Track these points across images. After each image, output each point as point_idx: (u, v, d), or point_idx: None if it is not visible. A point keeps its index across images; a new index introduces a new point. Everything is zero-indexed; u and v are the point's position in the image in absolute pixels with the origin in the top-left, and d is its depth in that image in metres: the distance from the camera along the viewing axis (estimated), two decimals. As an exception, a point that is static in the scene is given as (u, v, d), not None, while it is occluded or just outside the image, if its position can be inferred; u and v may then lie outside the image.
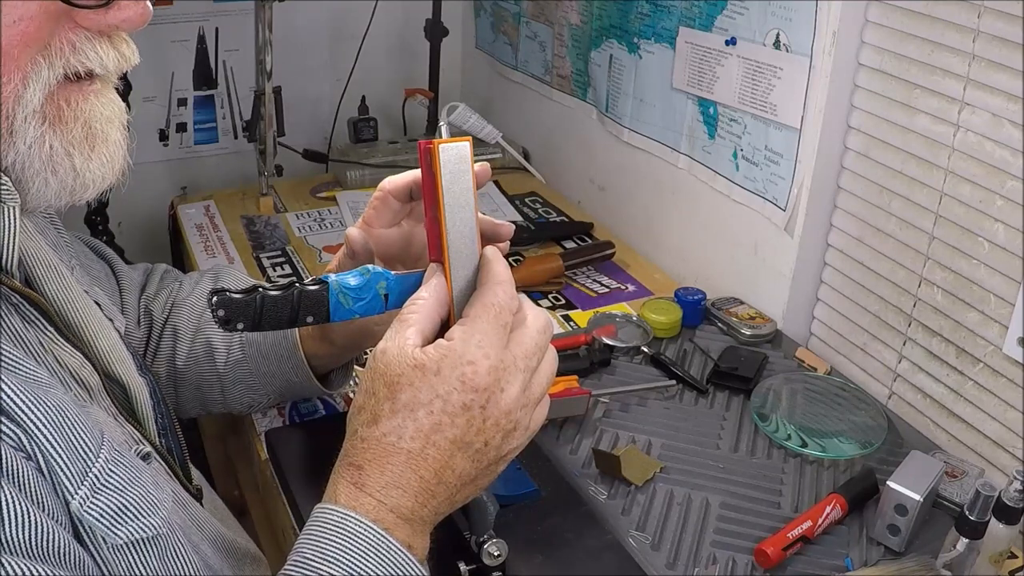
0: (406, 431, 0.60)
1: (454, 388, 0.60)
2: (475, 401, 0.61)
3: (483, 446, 0.62)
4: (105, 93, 0.59)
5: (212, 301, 0.67)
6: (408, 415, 0.60)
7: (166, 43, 1.70)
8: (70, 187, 0.58)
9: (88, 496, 0.55)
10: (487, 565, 0.74)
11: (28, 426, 0.53)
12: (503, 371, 0.62)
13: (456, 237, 0.65)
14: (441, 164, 0.63)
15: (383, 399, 0.61)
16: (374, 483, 0.61)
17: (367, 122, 1.80)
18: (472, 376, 0.61)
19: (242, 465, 1.31)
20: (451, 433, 0.61)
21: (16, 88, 0.53)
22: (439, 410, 0.60)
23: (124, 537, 0.57)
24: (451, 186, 0.64)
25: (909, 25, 1.02)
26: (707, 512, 0.93)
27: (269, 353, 0.93)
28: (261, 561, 0.83)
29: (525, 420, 0.64)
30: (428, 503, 0.62)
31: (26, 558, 0.49)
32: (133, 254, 1.78)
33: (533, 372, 0.65)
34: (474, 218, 0.66)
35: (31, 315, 0.61)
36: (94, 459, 0.56)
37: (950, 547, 0.81)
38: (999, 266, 0.97)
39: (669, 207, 1.45)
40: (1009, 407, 0.98)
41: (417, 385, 0.60)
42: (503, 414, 0.62)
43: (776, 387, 1.12)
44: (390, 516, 0.60)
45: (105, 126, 0.59)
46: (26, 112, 0.54)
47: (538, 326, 0.65)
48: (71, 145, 0.57)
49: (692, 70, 1.31)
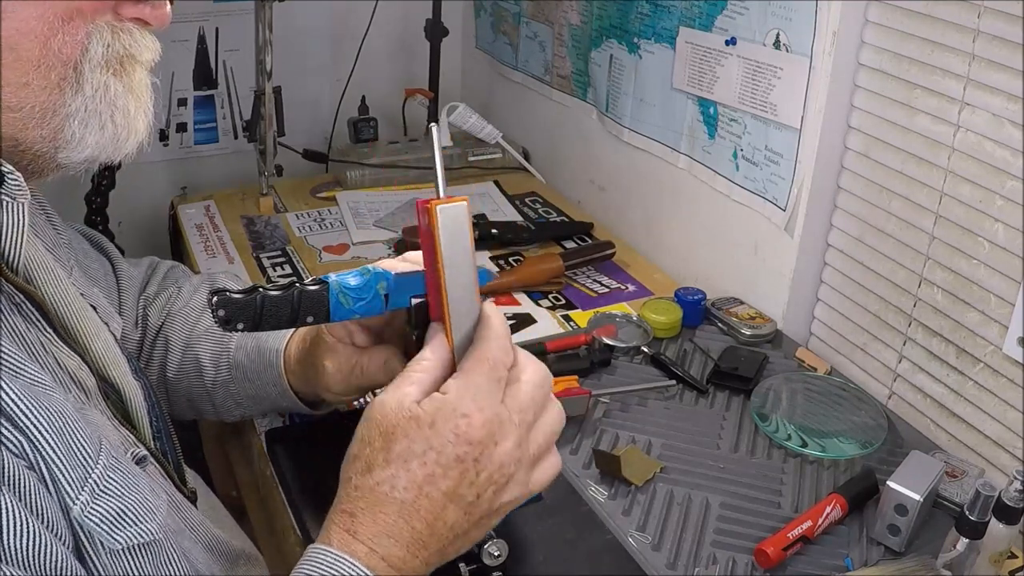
0: (399, 481, 0.61)
1: (448, 441, 0.61)
2: (468, 454, 0.61)
3: (475, 499, 0.63)
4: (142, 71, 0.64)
5: (212, 301, 0.67)
6: (402, 465, 0.61)
7: (166, 43, 1.66)
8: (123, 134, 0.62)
9: (88, 502, 0.56)
10: (487, 565, 0.74)
11: (31, 432, 0.53)
12: (497, 425, 0.62)
13: (456, 297, 0.65)
14: (439, 226, 0.63)
15: (378, 449, 0.62)
16: (366, 531, 0.61)
17: (367, 122, 1.80)
18: (466, 429, 0.61)
19: (241, 466, 1.31)
20: (444, 485, 0.61)
21: (83, 42, 0.58)
22: (432, 462, 0.61)
23: (122, 542, 0.58)
24: (450, 247, 0.64)
25: (909, 25, 1.02)
26: (707, 512, 0.93)
27: (255, 378, 0.92)
28: (258, 561, 0.83)
29: (521, 475, 0.64)
30: (419, 554, 0.62)
31: (21, 569, 0.49)
32: (133, 254, 1.75)
33: (530, 427, 0.65)
34: (473, 276, 0.66)
35: (33, 315, 0.61)
36: (93, 465, 0.57)
37: (950, 547, 0.81)
38: (999, 266, 0.97)
39: (669, 207, 1.45)
40: (1009, 407, 0.98)
41: (412, 436, 0.61)
42: (496, 468, 0.63)
43: (776, 387, 1.12)
44: (381, 564, 0.61)
45: (145, 89, 0.64)
46: (92, 63, 0.59)
47: (535, 380, 0.66)
48: (130, 91, 0.62)
49: (692, 70, 1.31)
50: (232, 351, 0.93)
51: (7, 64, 0.55)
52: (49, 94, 0.57)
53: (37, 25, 0.55)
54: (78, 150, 0.60)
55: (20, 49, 0.55)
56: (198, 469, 0.85)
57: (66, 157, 0.60)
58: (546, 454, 0.67)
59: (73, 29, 0.57)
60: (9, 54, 0.55)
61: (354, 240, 1.51)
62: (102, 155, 0.62)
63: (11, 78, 0.55)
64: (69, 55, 0.57)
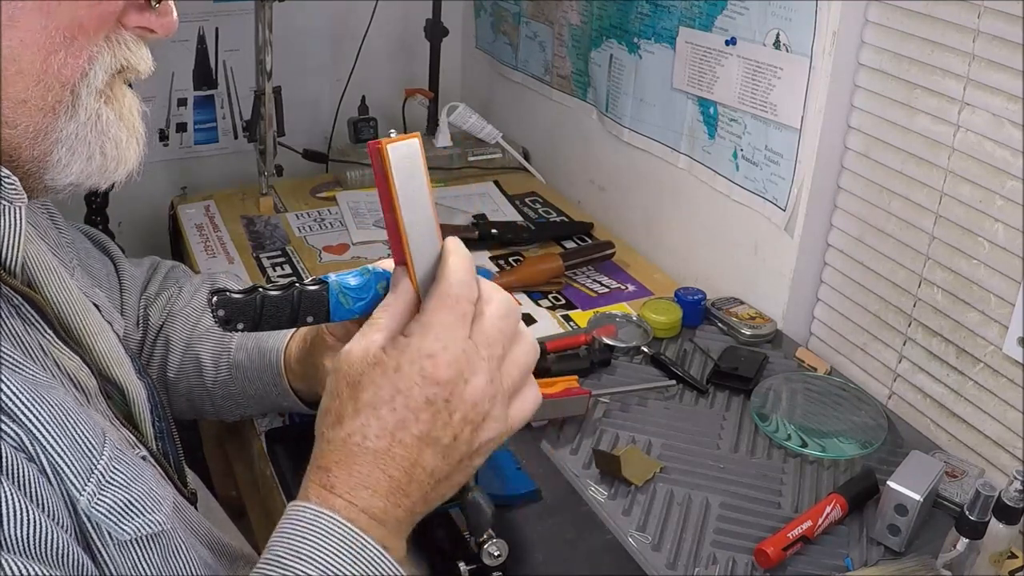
0: (370, 430, 0.60)
1: (415, 383, 0.59)
2: (438, 395, 0.60)
3: (452, 441, 0.61)
4: (128, 90, 0.64)
5: (212, 301, 0.67)
6: (371, 413, 0.60)
7: (166, 43, 1.67)
8: (112, 165, 0.62)
9: (95, 492, 0.56)
10: (487, 565, 0.74)
11: (30, 426, 0.53)
12: (465, 362, 0.60)
13: (416, 236, 0.63)
14: (392, 164, 0.61)
15: (346, 400, 0.61)
16: (343, 484, 0.60)
17: (367, 122, 1.80)
18: (432, 369, 0.59)
19: (241, 466, 1.31)
20: (416, 429, 0.60)
21: (83, 66, 0.57)
22: (402, 406, 0.59)
23: (131, 533, 0.57)
24: (404, 185, 0.62)
25: (909, 25, 1.02)
26: (707, 512, 0.93)
27: (255, 378, 0.92)
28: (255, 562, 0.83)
29: (498, 411, 0.62)
30: (401, 503, 0.61)
31: (24, 557, 0.49)
32: (133, 254, 1.74)
33: (501, 360, 0.63)
34: (431, 214, 0.64)
35: (31, 317, 0.61)
36: (98, 456, 0.57)
37: (950, 547, 0.81)
38: (999, 266, 0.97)
39: (669, 207, 1.45)
40: (1009, 407, 0.98)
41: (378, 383, 0.60)
42: (470, 407, 0.61)
43: (776, 387, 1.12)
44: (362, 517, 0.59)
45: (135, 114, 0.64)
46: (90, 89, 0.58)
47: (500, 312, 0.63)
48: (120, 119, 0.61)
49: (692, 70, 1.31)
50: (233, 351, 0.93)
51: (8, 78, 0.54)
52: (44, 115, 0.57)
53: (40, 37, 0.55)
54: (63, 175, 0.60)
55: (22, 61, 0.55)
56: (198, 469, 0.85)
57: (51, 179, 0.60)
58: (522, 387, 0.65)
59: (76, 50, 0.56)
60: (11, 66, 0.54)
61: (354, 240, 1.51)
62: (87, 182, 0.61)
63: (11, 93, 0.55)
64: (68, 77, 0.57)
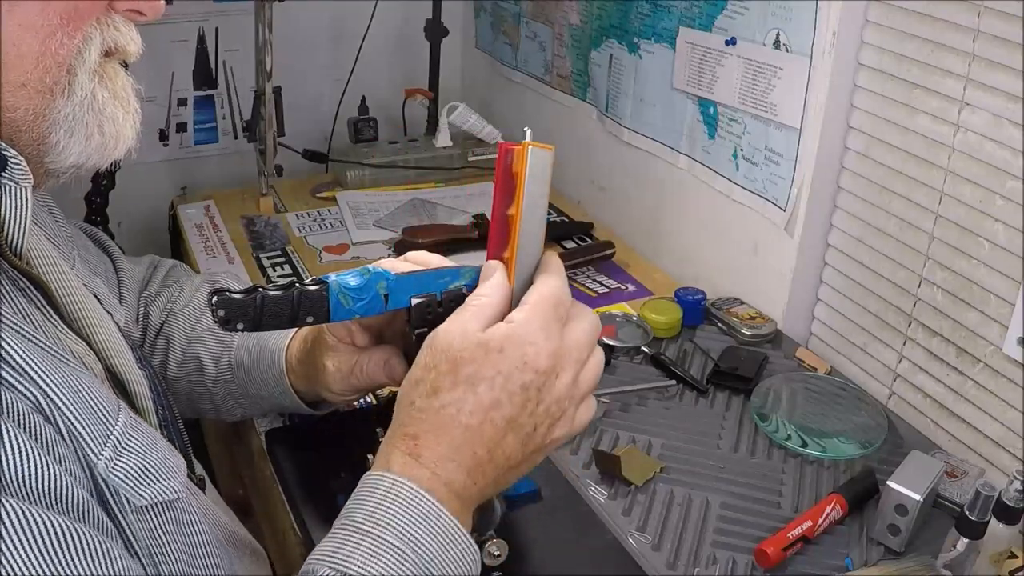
0: (466, 404, 0.61)
1: (516, 367, 0.62)
2: (532, 383, 0.62)
3: (532, 430, 0.63)
4: (121, 69, 0.64)
5: (212, 301, 0.67)
6: (469, 389, 0.61)
7: (166, 43, 1.70)
8: (111, 143, 0.62)
9: (112, 457, 0.57)
10: (487, 565, 0.74)
11: (47, 389, 0.54)
12: (560, 357, 0.63)
13: (525, 238, 0.66)
14: (528, 165, 0.65)
15: (444, 372, 0.62)
16: (430, 454, 0.61)
17: (367, 122, 1.80)
18: (534, 357, 0.62)
19: (246, 465, 1.31)
20: (507, 412, 0.62)
21: (78, 44, 0.58)
22: (500, 387, 0.61)
23: (148, 498, 0.58)
24: (532, 188, 0.65)
25: (909, 25, 1.02)
26: (707, 512, 0.93)
27: (256, 377, 0.92)
28: (261, 556, 0.83)
29: (572, 412, 0.66)
30: (479, 480, 0.62)
31: (44, 508, 0.49)
32: (133, 254, 1.74)
33: (583, 365, 0.66)
34: (543, 222, 0.67)
35: (38, 301, 0.62)
36: (113, 423, 0.58)
37: (950, 547, 0.81)
38: (999, 266, 0.97)
39: (669, 207, 1.45)
40: (1009, 407, 0.98)
41: (480, 361, 0.61)
42: (553, 401, 0.64)
43: (776, 387, 1.12)
44: (443, 489, 0.61)
45: (129, 91, 0.64)
46: (84, 69, 0.59)
47: (589, 322, 0.67)
48: (115, 97, 0.62)
49: (692, 70, 1.31)
50: (233, 350, 0.93)
51: (9, 62, 0.55)
52: (42, 97, 0.57)
53: (38, 20, 0.55)
54: (63, 156, 0.60)
55: (22, 45, 0.55)
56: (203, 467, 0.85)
57: (52, 162, 0.60)
58: (587, 396, 0.68)
59: (71, 31, 0.57)
60: (12, 50, 0.55)
61: (354, 240, 1.51)
62: (88, 162, 0.62)
63: (11, 78, 0.55)
64: (64, 57, 0.57)
